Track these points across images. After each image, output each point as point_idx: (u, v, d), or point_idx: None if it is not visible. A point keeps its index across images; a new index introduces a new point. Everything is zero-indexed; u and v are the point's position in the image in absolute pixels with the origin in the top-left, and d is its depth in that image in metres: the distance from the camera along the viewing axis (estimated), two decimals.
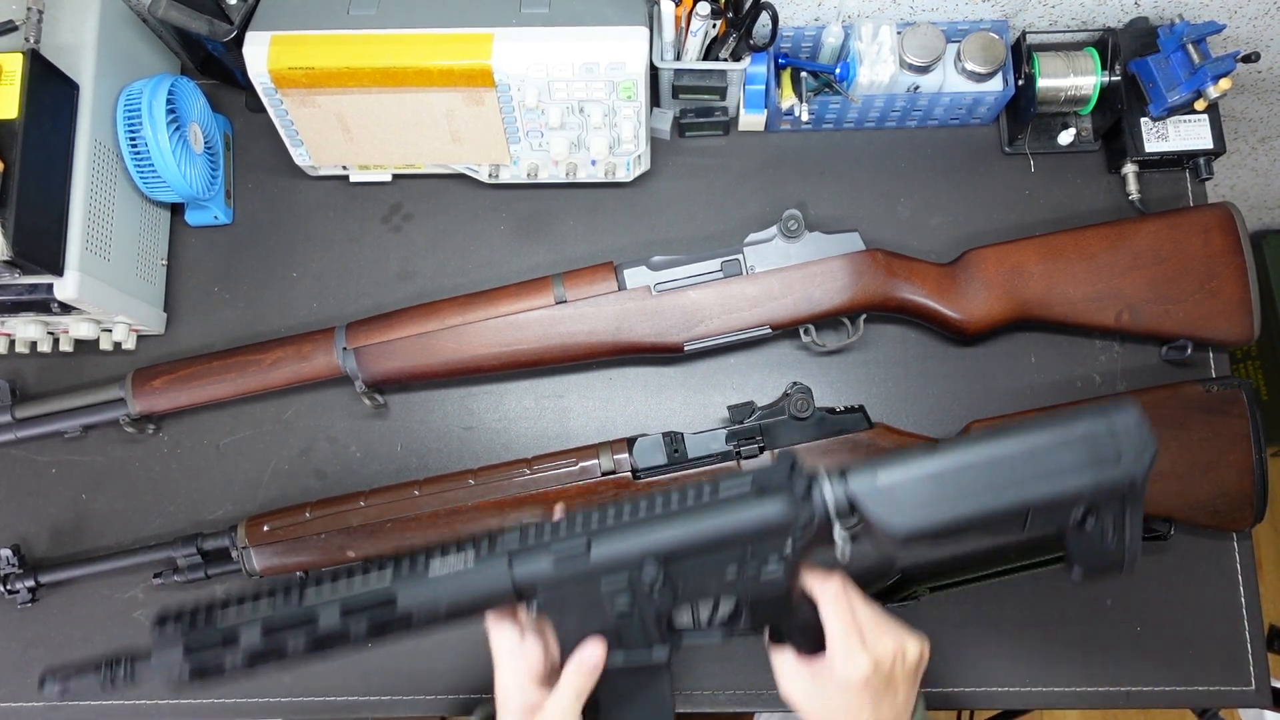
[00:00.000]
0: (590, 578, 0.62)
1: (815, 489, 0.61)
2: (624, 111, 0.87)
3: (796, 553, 0.62)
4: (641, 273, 0.86)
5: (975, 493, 0.60)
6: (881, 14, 0.95)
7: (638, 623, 0.63)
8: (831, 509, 0.60)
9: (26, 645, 0.91)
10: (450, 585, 0.63)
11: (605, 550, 0.62)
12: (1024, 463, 0.60)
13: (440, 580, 0.63)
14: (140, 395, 0.88)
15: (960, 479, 0.60)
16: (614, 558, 0.62)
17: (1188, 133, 0.93)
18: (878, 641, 0.64)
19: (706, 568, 0.62)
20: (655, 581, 0.61)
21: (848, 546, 0.62)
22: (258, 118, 1.01)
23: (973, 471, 0.60)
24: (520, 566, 0.62)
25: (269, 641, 0.62)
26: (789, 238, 0.86)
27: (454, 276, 0.97)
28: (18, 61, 0.79)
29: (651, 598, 0.62)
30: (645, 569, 0.61)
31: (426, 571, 0.63)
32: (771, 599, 0.63)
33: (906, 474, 0.60)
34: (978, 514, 0.60)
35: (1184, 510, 0.82)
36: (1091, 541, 0.62)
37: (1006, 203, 0.97)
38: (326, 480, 0.93)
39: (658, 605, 0.63)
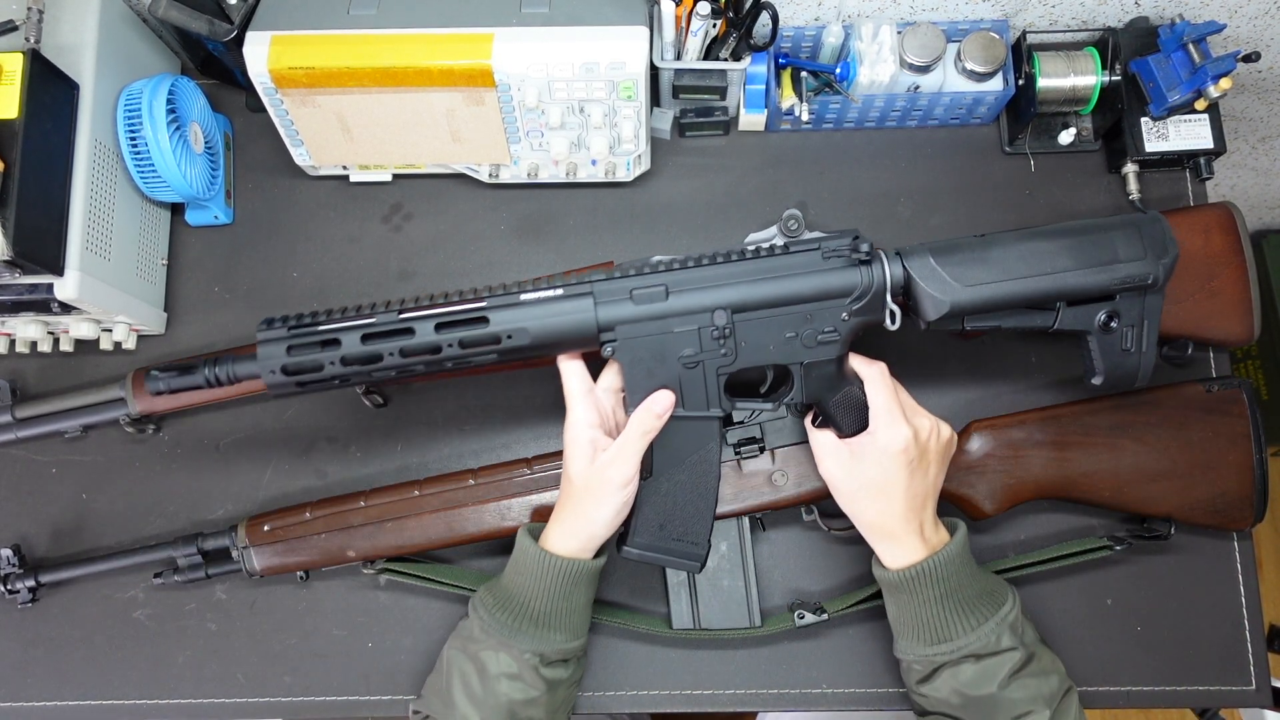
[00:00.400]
0: (664, 322, 0.68)
1: (875, 262, 0.69)
2: (624, 111, 0.87)
3: (852, 318, 0.69)
4: None
5: (1015, 276, 0.68)
6: (881, 14, 0.95)
7: (700, 379, 0.69)
8: (888, 280, 0.68)
9: (27, 645, 0.91)
10: (539, 311, 0.67)
11: (681, 297, 0.68)
12: (1060, 253, 0.69)
13: (530, 305, 0.67)
14: (140, 395, 0.88)
15: (1002, 263, 0.69)
16: (688, 304, 0.68)
17: (1188, 132, 0.93)
18: (915, 416, 0.72)
19: (770, 326, 0.69)
20: (723, 332, 0.68)
21: (899, 317, 0.70)
22: (258, 118, 1.01)
23: (1014, 258, 0.69)
24: (603, 300, 0.68)
25: (367, 348, 0.66)
26: (789, 238, 0.85)
27: (454, 276, 0.97)
28: (18, 61, 0.79)
29: (717, 351, 0.69)
30: (715, 317, 0.68)
31: (518, 295, 0.68)
32: (823, 368, 0.70)
33: (955, 256, 0.69)
34: (1016, 294, 0.69)
35: (1184, 510, 0.82)
36: (1113, 346, 0.72)
37: (1007, 202, 0.97)
38: (326, 480, 0.93)
39: (721, 361, 0.69)
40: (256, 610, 0.90)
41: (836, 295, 0.69)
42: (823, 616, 0.82)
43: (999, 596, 0.72)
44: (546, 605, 0.71)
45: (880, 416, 0.71)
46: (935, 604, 0.71)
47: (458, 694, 0.71)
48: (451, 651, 0.74)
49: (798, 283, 0.69)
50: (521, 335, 0.67)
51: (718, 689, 0.87)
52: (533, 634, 0.71)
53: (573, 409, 0.71)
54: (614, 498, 0.70)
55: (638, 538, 0.72)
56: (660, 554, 0.72)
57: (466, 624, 0.74)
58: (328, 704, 0.88)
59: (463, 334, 0.66)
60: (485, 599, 0.73)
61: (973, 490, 0.83)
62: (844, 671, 0.87)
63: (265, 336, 0.68)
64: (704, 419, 0.71)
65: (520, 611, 0.71)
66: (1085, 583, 0.88)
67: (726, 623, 0.83)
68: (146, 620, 0.91)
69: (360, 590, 0.90)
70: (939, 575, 0.70)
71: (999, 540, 0.89)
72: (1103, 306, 0.71)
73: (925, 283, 0.69)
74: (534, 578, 0.71)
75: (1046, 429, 0.83)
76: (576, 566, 0.71)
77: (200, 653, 0.90)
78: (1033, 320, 0.72)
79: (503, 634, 0.71)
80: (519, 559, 0.73)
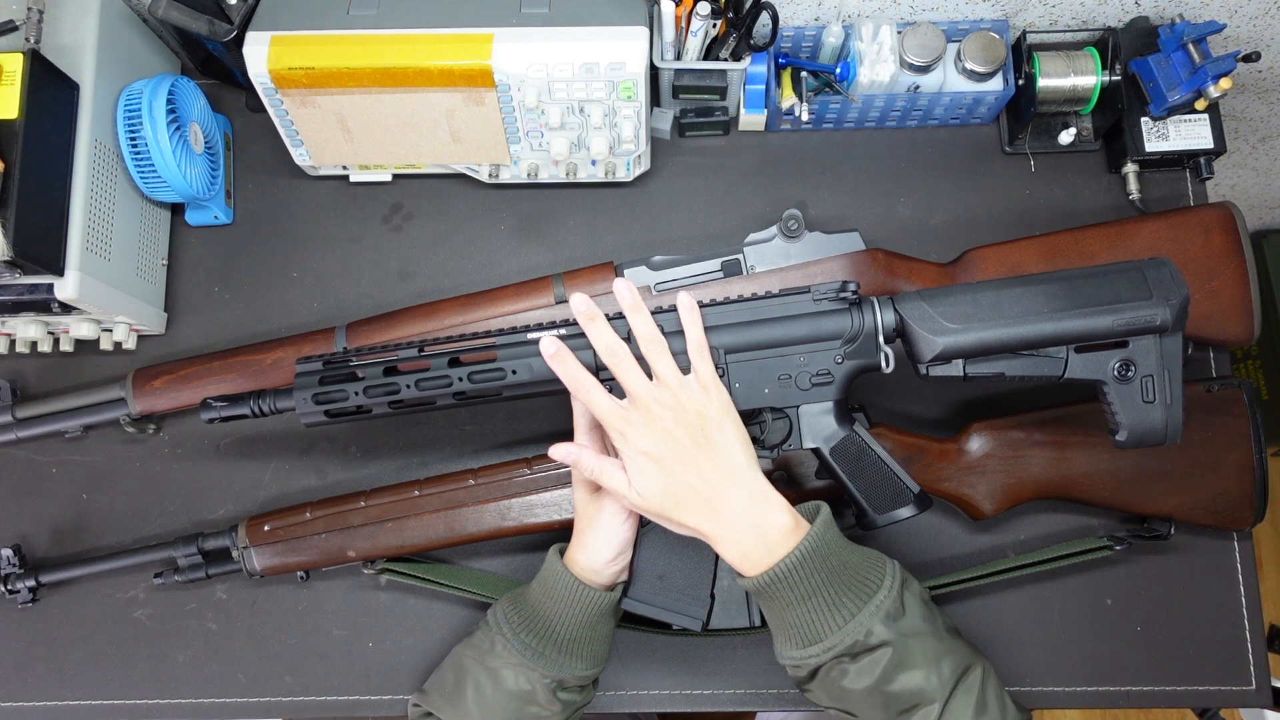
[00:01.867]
0: None
1: (865, 305, 0.70)
2: (624, 111, 0.87)
3: (846, 361, 0.70)
4: (642, 272, 0.86)
5: (1009, 316, 0.67)
6: (882, 14, 0.95)
7: None
8: (879, 323, 0.69)
9: (27, 645, 0.91)
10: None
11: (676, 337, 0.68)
12: (1057, 295, 0.68)
13: (535, 344, 0.71)
14: (141, 395, 0.88)
15: (995, 304, 0.68)
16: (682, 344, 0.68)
17: (1188, 132, 0.93)
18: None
19: (764, 368, 0.70)
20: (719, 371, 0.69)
21: (892, 359, 0.70)
22: (258, 118, 1.01)
23: (1007, 300, 0.68)
24: None
25: (387, 380, 0.72)
26: (789, 237, 0.86)
27: (454, 276, 0.97)
28: (18, 61, 0.79)
29: None
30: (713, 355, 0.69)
31: (525, 335, 0.72)
32: (820, 414, 0.71)
33: (947, 299, 0.69)
34: (1011, 336, 0.67)
35: (1184, 510, 0.82)
36: (1132, 398, 0.69)
37: (1007, 202, 0.97)
38: (326, 480, 0.93)
39: None
40: (257, 610, 0.90)
41: (828, 338, 0.70)
42: None
43: (871, 581, 0.64)
44: (573, 633, 0.71)
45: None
46: (798, 604, 0.64)
47: (470, 701, 0.71)
48: (467, 659, 0.73)
49: (789, 325, 0.70)
50: (525, 371, 0.71)
51: (718, 689, 0.87)
52: (556, 660, 0.70)
53: (577, 439, 0.73)
54: (608, 526, 0.70)
55: (636, 588, 0.73)
56: (659, 608, 0.73)
57: (485, 636, 0.73)
58: (328, 704, 0.88)
59: (472, 369, 0.71)
60: (510, 616, 0.72)
61: (973, 490, 0.83)
62: None
63: (302, 370, 0.74)
64: None
65: (546, 635, 0.71)
66: (1085, 583, 0.88)
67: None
68: (147, 620, 0.91)
69: (360, 590, 0.90)
70: (794, 578, 0.64)
71: (999, 540, 0.89)
72: (1116, 354, 0.68)
73: (917, 324, 0.69)
74: (564, 604, 0.71)
75: (1046, 429, 0.83)
76: (605, 599, 0.71)
77: (200, 653, 0.90)
78: (1039, 369, 0.69)
79: (525, 655, 0.70)
80: (549, 582, 0.72)
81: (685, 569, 0.73)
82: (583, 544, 0.72)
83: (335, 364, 0.74)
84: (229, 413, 0.78)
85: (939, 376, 0.70)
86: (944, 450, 0.83)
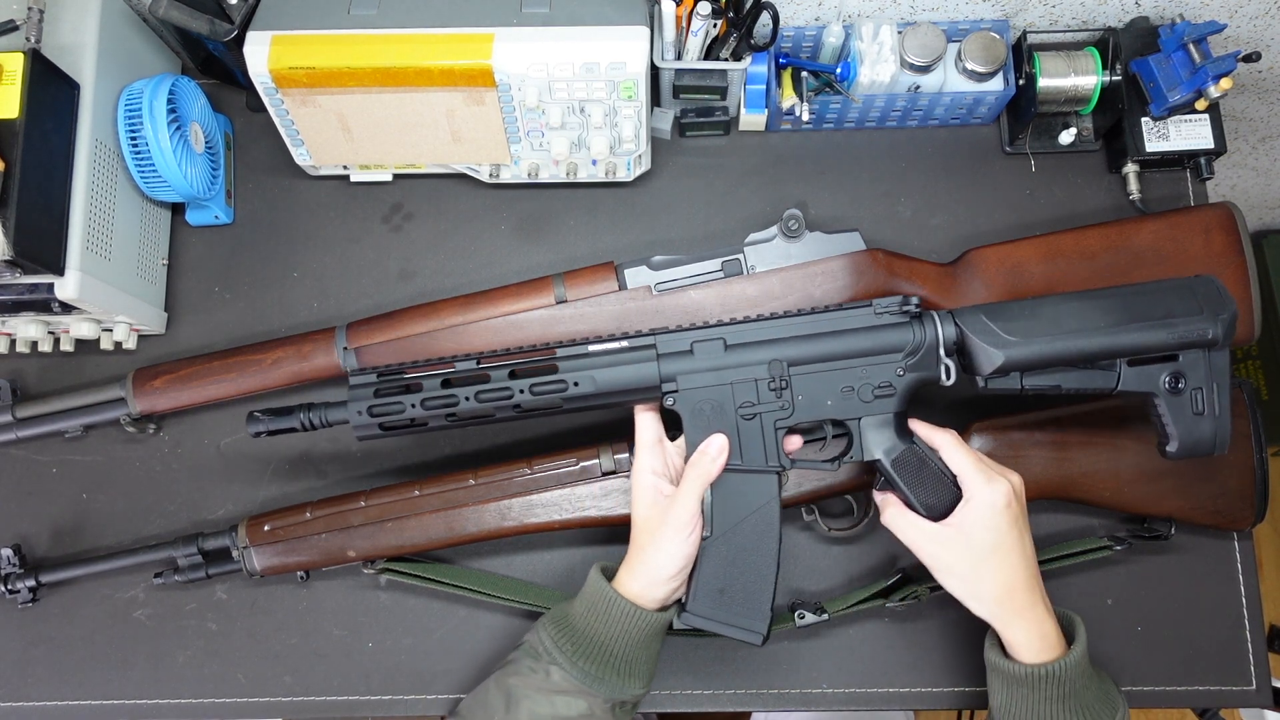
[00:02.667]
0: (722, 374, 0.71)
1: (926, 318, 0.71)
2: (624, 111, 0.87)
3: (908, 374, 0.71)
4: (642, 272, 0.86)
5: (1068, 331, 0.69)
6: (882, 14, 0.95)
7: (758, 432, 0.71)
8: (939, 335, 0.71)
9: (27, 645, 0.91)
10: (604, 361, 0.72)
11: (738, 351, 0.71)
12: (1114, 310, 0.70)
13: (596, 355, 0.72)
14: (141, 395, 0.88)
15: (1055, 319, 0.70)
16: (745, 358, 0.71)
17: (1188, 132, 0.93)
18: (1002, 469, 0.71)
19: (826, 380, 0.71)
20: (780, 384, 0.71)
21: (953, 371, 0.71)
22: (258, 118, 1.01)
23: (1066, 314, 0.70)
24: (665, 352, 0.72)
25: (445, 392, 0.71)
26: (789, 237, 0.86)
27: (454, 276, 0.97)
28: (18, 61, 0.79)
29: (775, 404, 0.71)
30: (772, 371, 0.71)
31: (586, 347, 0.72)
32: (881, 425, 0.71)
33: (1007, 313, 0.71)
34: (1070, 350, 0.69)
35: (1184, 510, 0.82)
36: (1183, 410, 0.71)
37: (1007, 202, 0.97)
38: (327, 480, 0.93)
39: (779, 415, 0.71)
40: (257, 610, 0.90)
41: (890, 350, 0.71)
42: (823, 616, 0.82)
43: (1113, 700, 0.70)
44: (628, 654, 0.70)
45: (974, 476, 0.69)
46: (1056, 703, 0.68)
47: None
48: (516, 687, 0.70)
49: (852, 338, 0.71)
50: (588, 383, 0.71)
51: (718, 689, 0.87)
52: (615, 683, 0.70)
53: (640, 455, 0.73)
54: (672, 541, 0.69)
55: (696, 603, 0.71)
56: (719, 623, 0.71)
57: (535, 664, 0.71)
58: (328, 704, 0.88)
59: (534, 381, 0.71)
60: (561, 644, 0.70)
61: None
62: (844, 671, 0.87)
63: (355, 382, 0.73)
64: (762, 473, 0.71)
65: (602, 660, 0.70)
66: (1085, 583, 0.88)
67: None
68: (147, 620, 0.91)
69: (360, 590, 0.90)
70: (1066, 676, 0.67)
71: None
72: (1166, 367, 0.71)
73: (979, 337, 0.70)
74: (618, 627, 0.70)
75: (1046, 429, 0.83)
76: (659, 620, 0.71)
77: (200, 653, 0.90)
78: (1094, 381, 0.71)
79: (585, 682, 0.69)
80: (599, 605, 0.71)
81: (746, 582, 0.71)
82: (642, 560, 0.71)
83: (390, 375, 0.73)
84: (276, 426, 0.76)
85: (997, 389, 0.71)
86: None
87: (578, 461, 0.82)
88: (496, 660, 0.87)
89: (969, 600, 0.70)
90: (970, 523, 0.69)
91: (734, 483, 0.71)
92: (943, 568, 0.71)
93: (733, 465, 0.71)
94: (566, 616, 0.73)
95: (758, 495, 0.71)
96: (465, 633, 0.89)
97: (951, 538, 0.70)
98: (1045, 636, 0.69)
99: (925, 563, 0.72)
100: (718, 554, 0.71)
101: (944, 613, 0.87)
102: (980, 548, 0.69)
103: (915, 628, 0.87)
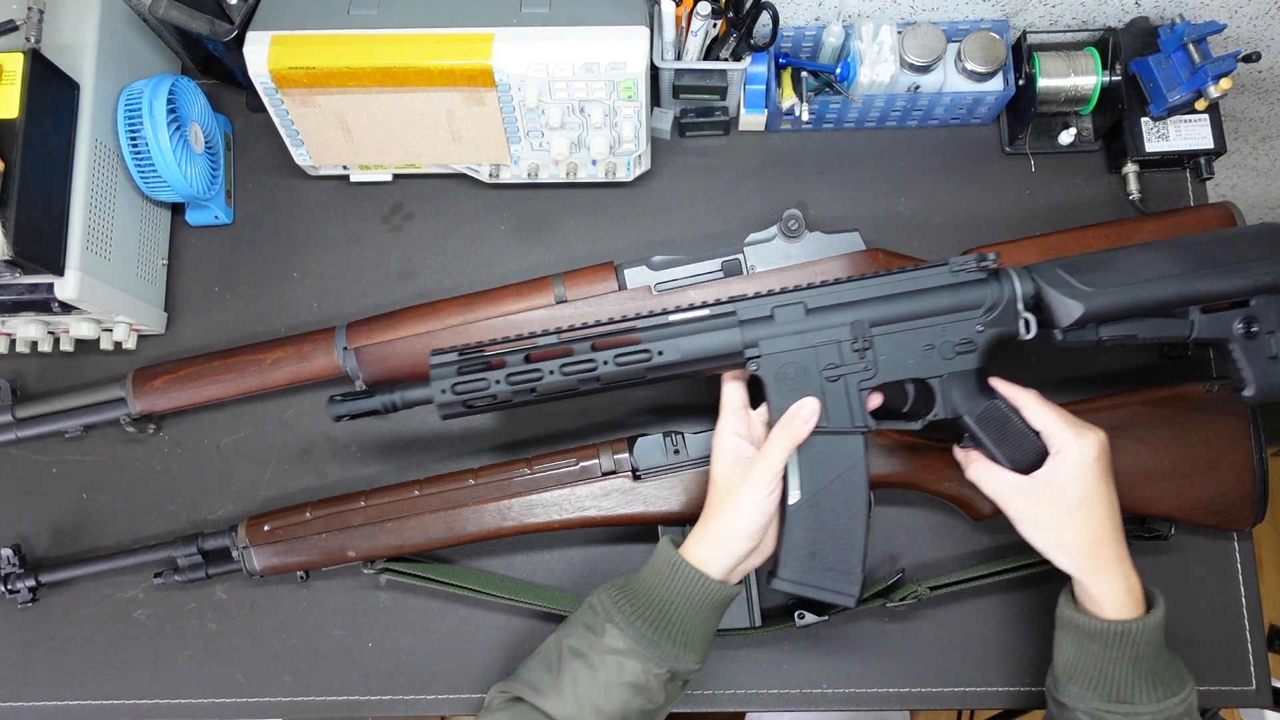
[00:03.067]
0: (805, 337, 0.72)
1: (1004, 276, 0.72)
2: (624, 111, 0.87)
3: (987, 330, 0.72)
4: (642, 272, 0.86)
5: (1144, 279, 0.70)
6: (882, 14, 0.95)
7: (843, 394, 0.72)
8: (1018, 290, 0.71)
9: (27, 645, 0.91)
10: (686, 330, 0.72)
11: (819, 314, 0.72)
12: (1187, 258, 0.71)
13: (678, 324, 0.72)
14: (141, 395, 0.88)
15: (1130, 269, 0.71)
16: (826, 320, 0.71)
17: (1188, 132, 0.93)
18: (1087, 424, 0.71)
19: (907, 340, 0.72)
20: (862, 345, 0.71)
21: (1033, 325, 0.71)
22: (258, 118, 1.01)
23: (1140, 263, 0.71)
24: (747, 318, 0.72)
25: (529, 366, 0.71)
26: (789, 237, 0.86)
27: (454, 276, 0.97)
28: (18, 61, 0.79)
29: (858, 364, 0.72)
30: (854, 332, 0.71)
31: (666, 316, 0.73)
32: (963, 381, 0.72)
33: (1082, 265, 0.71)
34: (1147, 298, 0.70)
35: (1184, 510, 0.82)
36: (1259, 354, 0.72)
37: (1007, 202, 0.97)
38: (326, 480, 0.93)
39: (862, 376, 0.72)
40: (256, 610, 0.90)
41: (969, 308, 0.72)
42: (823, 616, 0.82)
43: (1183, 675, 0.70)
44: (687, 625, 0.70)
45: (1062, 432, 0.70)
46: (1127, 664, 0.68)
47: (569, 690, 0.68)
48: (566, 647, 0.70)
49: (930, 297, 0.72)
50: (672, 351, 0.71)
51: (718, 689, 0.87)
52: (669, 650, 0.69)
53: (724, 418, 0.73)
54: (753, 499, 0.69)
55: (787, 568, 0.71)
56: (811, 587, 0.71)
57: (593, 621, 0.70)
58: (328, 704, 0.88)
59: (618, 352, 0.71)
60: (620, 604, 0.70)
61: (972, 490, 0.83)
62: (844, 671, 0.87)
63: (437, 361, 0.73)
64: (848, 434, 0.72)
65: (661, 624, 0.69)
66: None
67: (726, 623, 0.83)
68: (146, 620, 0.91)
69: (360, 590, 0.90)
70: (1143, 638, 0.68)
71: (999, 541, 0.89)
72: (1239, 312, 0.72)
73: (1057, 289, 0.71)
74: (681, 593, 0.70)
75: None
76: (724, 592, 0.70)
77: (200, 653, 0.90)
78: (1169, 329, 0.72)
79: (640, 643, 0.68)
80: (663, 570, 0.71)
81: (836, 545, 0.71)
82: (718, 517, 0.70)
83: (471, 353, 0.74)
84: (357, 410, 0.76)
85: (1074, 342, 0.72)
86: (944, 450, 0.83)
87: (577, 462, 0.82)
88: (495, 660, 0.88)
89: (1054, 552, 0.70)
90: (1060, 474, 0.69)
91: (821, 446, 0.72)
92: (1029, 519, 0.71)
93: (819, 428, 0.71)
94: (630, 581, 0.72)
95: (845, 457, 0.72)
96: (465, 633, 0.89)
97: (1040, 490, 0.70)
98: (1131, 590, 0.69)
99: (1010, 515, 0.72)
100: (807, 518, 0.71)
101: (944, 613, 0.87)
102: (1069, 499, 0.69)
103: (915, 628, 0.87)
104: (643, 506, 0.82)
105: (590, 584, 0.89)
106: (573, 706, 0.68)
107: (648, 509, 0.82)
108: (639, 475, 0.82)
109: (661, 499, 0.81)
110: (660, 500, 0.81)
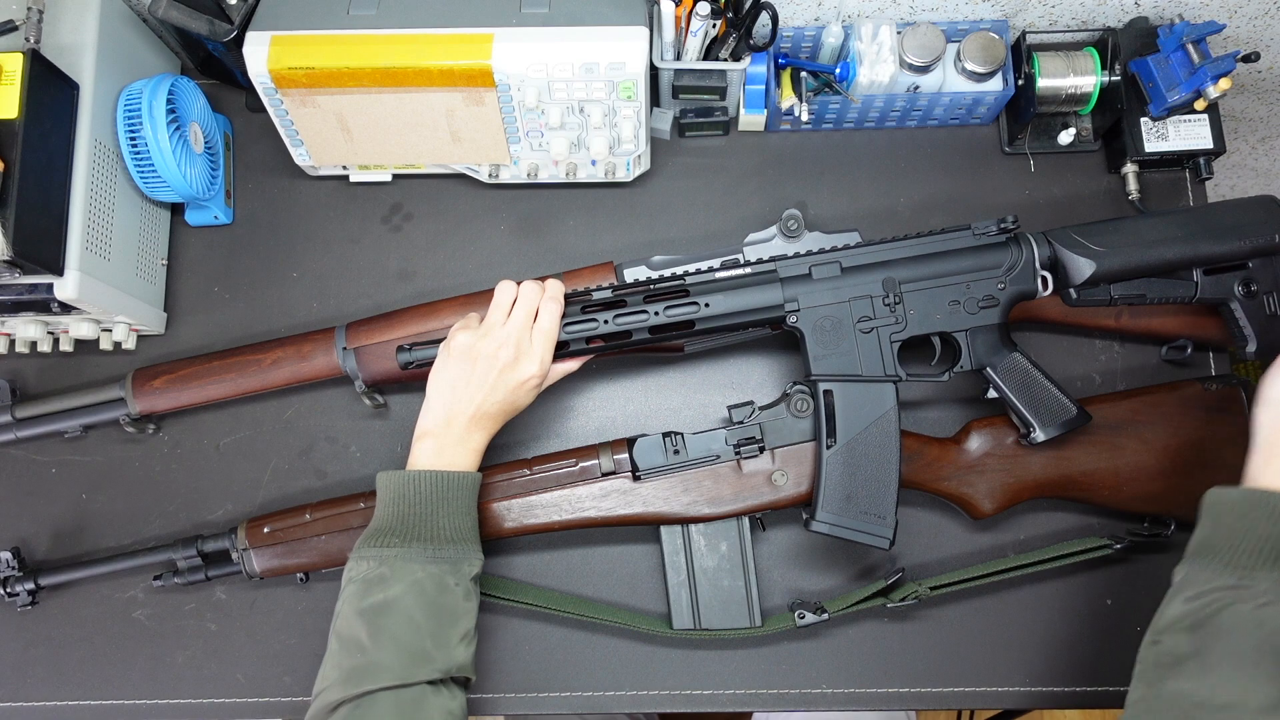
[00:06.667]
0: (840, 292, 0.78)
1: (1023, 239, 0.79)
2: (624, 111, 0.87)
3: (1008, 287, 0.78)
4: (642, 272, 0.86)
5: (1151, 241, 0.78)
6: (881, 14, 0.95)
7: (875, 345, 0.78)
8: (1036, 253, 0.78)
9: (27, 645, 0.91)
10: (732, 284, 0.78)
11: (854, 273, 0.79)
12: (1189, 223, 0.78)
13: (723, 281, 0.79)
14: (140, 395, 0.88)
15: (1137, 233, 0.78)
16: (861, 278, 0.78)
17: (1187, 132, 0.93)
18: None
19: (934, 296, 0.79)
20: (894, 300, 0.78)
21: (1050, 283, 0.78)
22: (258, 118, 1.01)
23: (1146, 228, 0.78)
24: (787, 275, 0.79)
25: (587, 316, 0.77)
26: (789, 238, 0.86)
27: (454, 276, 0.97)
28: (18, 61, 0.79)
29: (889, 318, 0.78)
30: (886, 288, 0.78)
31: (713, 274, 0.79)
32: (987, 335, 0.79)
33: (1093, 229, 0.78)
34: (1155, 259, 0.78)
35: (1184, 509, 0.82)
36: (1258, 312, 0.80)
37: (1006, 202, 0.97)
38: (326, 480, 0.93)
39: (894, 329, 0.78)
40: (256, 611, 0.90)
41: (990, 267, 0.78)
42: (823, 616, 0.82)
43: None
44: (455, 521, 0.73)
45: None
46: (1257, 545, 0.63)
47: (389, 645, 0.66)
48: (356, 618, 0.68)
49: (956, 258, 0.79)
50: (719, 303, 0.77)
51: (718, 689, 0.87)
52: (450, 551, 0.72)
53: None
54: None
55: (825, 510, 0.78)
56: (847, 528, 0.77)
57: (370, 575, 0.69)
58: None
59: (668, 303, 0.77)
60: (377, 542, 0.71)
61: (972, 489, 0.83)
62: (844, 671, 0.87)
63: None
64: (881, 382, 0.78)
65: (428, 537, 0.72)
66: (1085, 583, 0.88)
67: (726, 623, 0.83)
68: (146, 620, 0.90)
69: None
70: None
71: (999, 540, 0.89)
72: (1239, 274, 0.79)
73: (1071, 251, 0.77)
74: (438, 500, 0.73)
75: None
76: (469, 478, 0.75)
77: (200, 653, 0.90)
78: (1175, 289, 0.79)
79: (424, 556, 0.70)
80: (404, 493, 0.73)
81: (870, 489, 0.77)
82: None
83: None
84: (423, 357, 0.79)
85: (1089, 300, 0.78)
86: (944, 449, 0.83)
87: (577, 462, 0.82)
88: (495, 660, 0.88)
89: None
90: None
91: (855, 393, 0.78)
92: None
93: (854, 375, 0.78)
94: (374, 528, 0.73)
95: (877, 404, 0.78)
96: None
97: None
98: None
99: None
100: (843, 462, 0.78)
101: (944, 613, 0.87)
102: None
103: (915, 628, 0.87)
104: (642, 507, 0.82)
105: (590, 584, 0.89)
106: (392, 658, 0.66)
107: (647, 509, 0.82)
108: (638, 476, 0.82)
109: (661, 499, 0.81)
110: (660, 500, 0.81)
